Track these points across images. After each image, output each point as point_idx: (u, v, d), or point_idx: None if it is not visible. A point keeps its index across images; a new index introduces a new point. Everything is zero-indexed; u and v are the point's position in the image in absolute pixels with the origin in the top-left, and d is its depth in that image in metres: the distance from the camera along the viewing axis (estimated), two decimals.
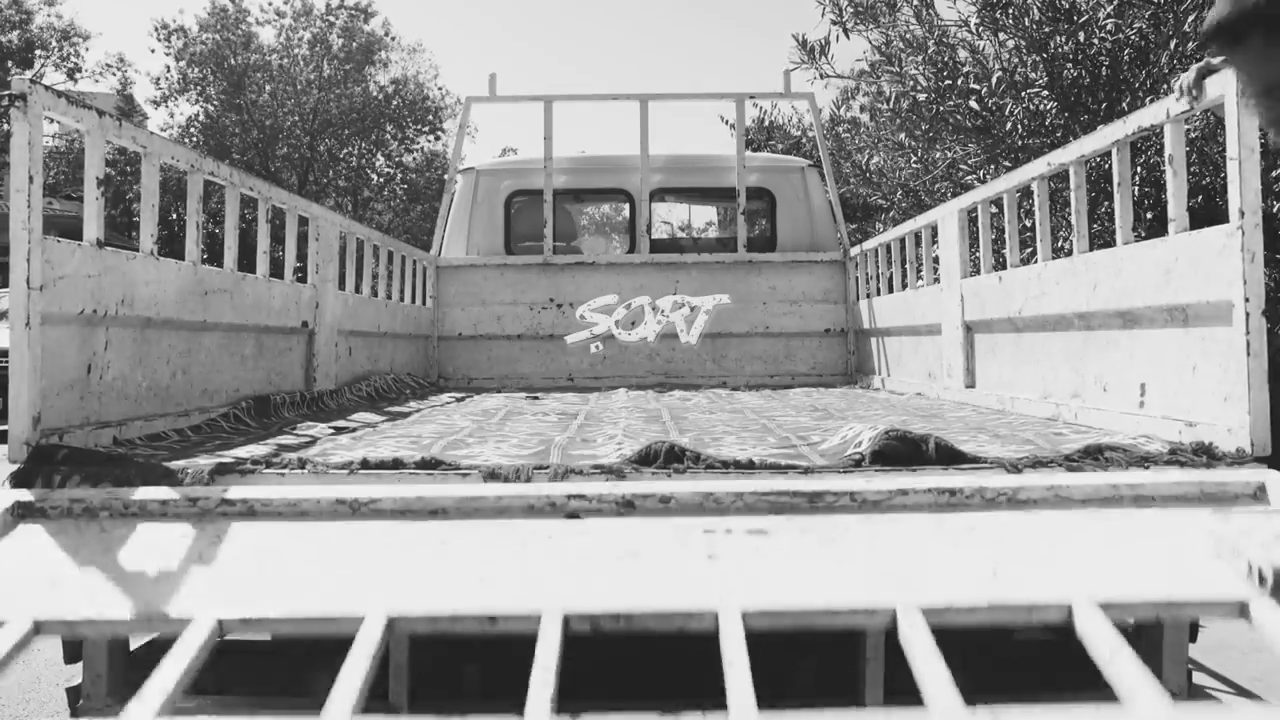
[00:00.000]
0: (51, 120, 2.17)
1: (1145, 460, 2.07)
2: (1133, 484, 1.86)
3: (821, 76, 8.38)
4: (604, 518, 1.81)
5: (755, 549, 1.69)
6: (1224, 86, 2.13)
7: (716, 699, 1.31)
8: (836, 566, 1.63)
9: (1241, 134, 2.04)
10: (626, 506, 1.82)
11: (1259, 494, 1.98)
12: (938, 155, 8.63)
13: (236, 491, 1.86)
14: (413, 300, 5.61)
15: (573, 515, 1.82)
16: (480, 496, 1.83)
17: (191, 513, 1.82)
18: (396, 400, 4.34)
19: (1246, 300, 2.02)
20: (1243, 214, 2.03)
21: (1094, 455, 2.15)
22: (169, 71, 25.33)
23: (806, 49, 8.23)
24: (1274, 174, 6.11)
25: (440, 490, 1.86)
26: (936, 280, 4.27)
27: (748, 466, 2.09)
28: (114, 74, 25.21)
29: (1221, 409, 2.13)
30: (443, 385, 5.81)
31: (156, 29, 25.22)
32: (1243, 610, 1.44)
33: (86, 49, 25.39)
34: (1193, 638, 2.48)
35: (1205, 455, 2.04)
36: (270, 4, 25.86)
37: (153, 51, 31.10)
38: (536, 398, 4.70)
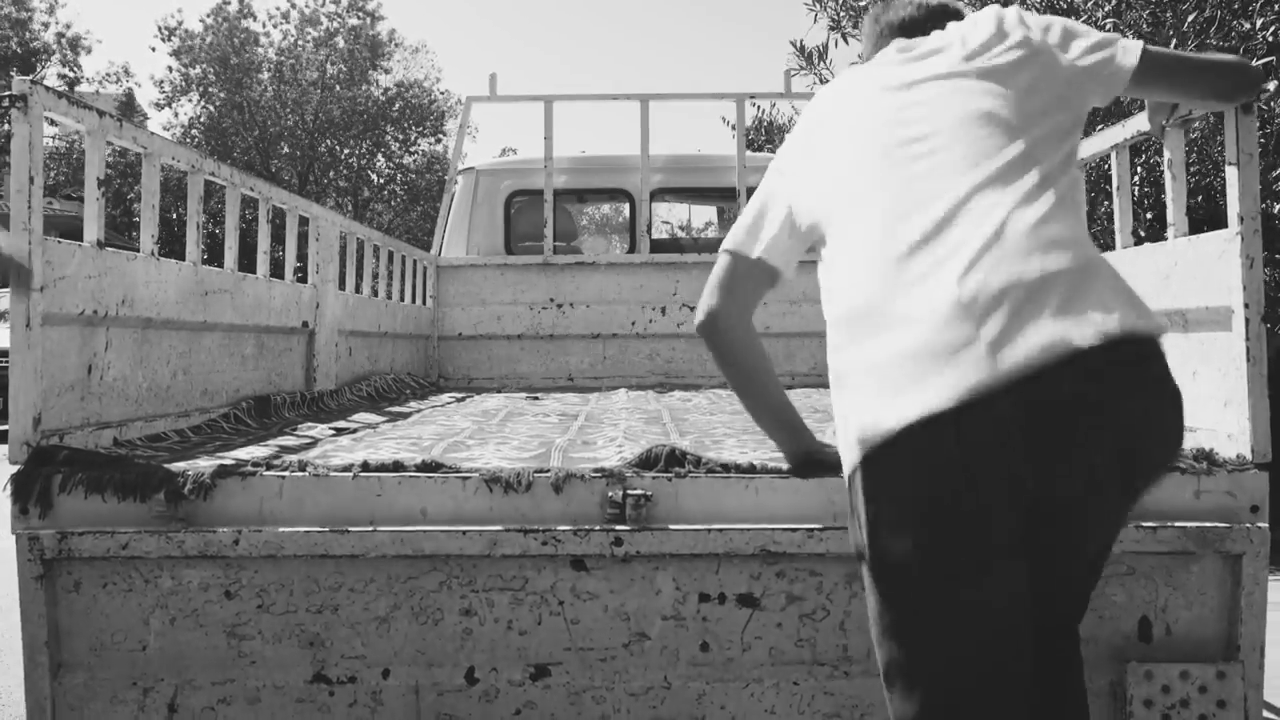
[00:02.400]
0: (52, 121, 2.17)
1: None
2: None
3: (822, 82, 8.40)
4: None
5: None
6: None
7: None
8: None
9: (1240, 139, 2.03)
10: None
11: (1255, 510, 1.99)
12: None
13: None
14: (413, 300, 5.61)
15: None
16: None
17: None
18: (397, 400, 4.34)
19: (1246, 306, 2.01)
20: (1241, 219, 2.03)
21: None
22: (171, 71, 25.31)
23: (805, 55, 8.23)
24: (1274, 174, 6.10)
25: None
26: None
27: (749, 470, 2.08)
28: (115, 83, 25.15)
29: (1221, 415, 2.13)
30: (443, 385, 5.80)
31: (160, 29, 25.23)
32: None
33: (88, 53, 25.32)
34: None
35: (1206, 461, 2.04)
36: (275, 9, 25.86)
37: (153, 50, 30.91)
38: (537, 398, 4.69)
